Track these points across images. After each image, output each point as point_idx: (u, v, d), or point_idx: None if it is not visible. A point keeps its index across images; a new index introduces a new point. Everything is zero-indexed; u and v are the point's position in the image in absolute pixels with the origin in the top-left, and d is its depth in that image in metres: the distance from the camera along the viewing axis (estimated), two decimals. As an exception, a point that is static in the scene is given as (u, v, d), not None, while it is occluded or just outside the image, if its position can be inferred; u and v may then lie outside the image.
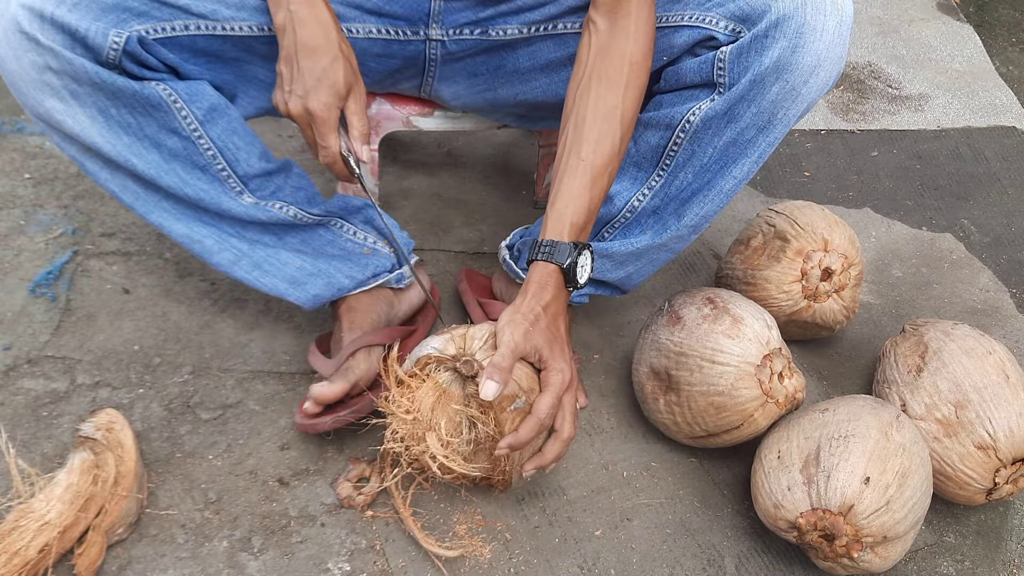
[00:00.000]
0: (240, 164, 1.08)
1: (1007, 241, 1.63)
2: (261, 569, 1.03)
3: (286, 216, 1.13)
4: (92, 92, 0.98)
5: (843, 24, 1.00)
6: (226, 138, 1.07)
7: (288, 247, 1.16)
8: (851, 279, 1.27)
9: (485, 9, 1.13)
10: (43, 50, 0.94)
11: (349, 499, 1.09)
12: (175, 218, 1.10)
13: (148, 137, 1.03)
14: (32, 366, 1.22)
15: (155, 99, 1.01)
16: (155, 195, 1.08)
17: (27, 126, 1.59)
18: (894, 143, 1.84)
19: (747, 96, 1.01)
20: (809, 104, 1.03)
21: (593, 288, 1.21)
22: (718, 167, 1.07)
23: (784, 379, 1.10)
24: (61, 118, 1.00)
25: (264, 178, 1.11)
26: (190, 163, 1.06)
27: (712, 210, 1.11)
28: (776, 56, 0.98)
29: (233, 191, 1.09)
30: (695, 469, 1.19)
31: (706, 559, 1.09)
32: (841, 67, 1.02)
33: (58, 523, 0.97)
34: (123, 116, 1.01)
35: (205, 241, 1.11)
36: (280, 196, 1.13)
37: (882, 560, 1.00)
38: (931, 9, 2.30)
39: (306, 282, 1.16)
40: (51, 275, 1.34)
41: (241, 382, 1.23)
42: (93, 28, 0.95)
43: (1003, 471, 1.09)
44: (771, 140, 1.05)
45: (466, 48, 1.16)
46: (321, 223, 1.18)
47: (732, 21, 1.02)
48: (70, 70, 0.96)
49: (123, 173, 1.06)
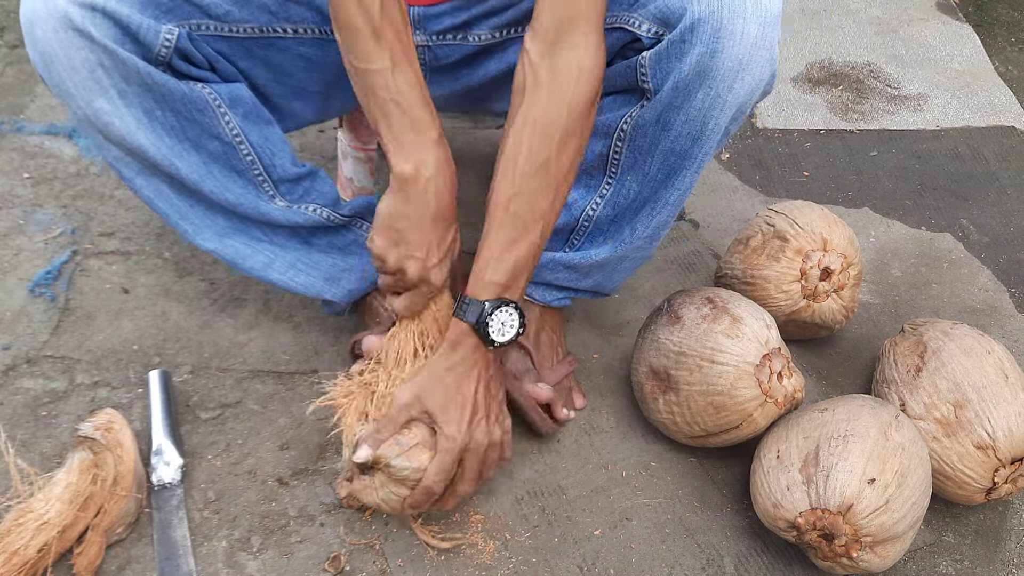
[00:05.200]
0: (276, 168, 1.08)
1: (1006, 241, 1.63)
2: (260, 569, 1.03)
3: (319, 217, 1.13)
4: (141, 92, 0.96)
5: (767, 25, 0.93)
6: (263, 143, 1.06)
7: (317, 248, 1.16)
8: (850, 279, 1.27)
9: (462, 14, 1.12)
10: (96, 47, 0.92)
11: (348, 499, 1.09)
12: (206, 226, 1.10)
13: (190, 139, 1.02)
14: (31, 366, 1.21)
15: (201, 102, 1.00)
16: (189, 200, 1.08)
17: (26, 126, 1.59)
18: (893, 143, 1.85)
19: (674, 103, 0.98)
20: (739, 110, 0.98)
21: (568, 295, 1.21)
22: (662, 176, 1.04)
23: (783, 379, 1.10)
24: (109, 119, 0.97)
25: (294, 183, 1.11)
26: (228, 167, 1.05)
27: (663, 220, 1.09)
28: (695, 62, 0.94)
29: (267, 195, 1.09)
30: (694, 469, 1.19)
31: (705, 559, 1.09)
32: (771, 71, 0.96)
33: (57, 522, 0.97)
34: (168, 118, 1.00)
35: (238, 247, 1.11)
36: (309, 199, 1.13)
37: (881, 560, 1.00)
38: (930, 9, 2.30)
39: (340, 277, 1.17)
40: (50, 275, 1.34)
41: (240, 382, 1.23)
42: (145, 23, 0.94)
43: (1002, 471, 1.09)
44: (707, 150, 1.01)
45: (451, 54, 1.15)
46: (346, 224, 1.17)
47: (654, 24, 0.98)
48: (122, 69, 0.94)
49: (159, 179, 1.05)
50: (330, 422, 1.06)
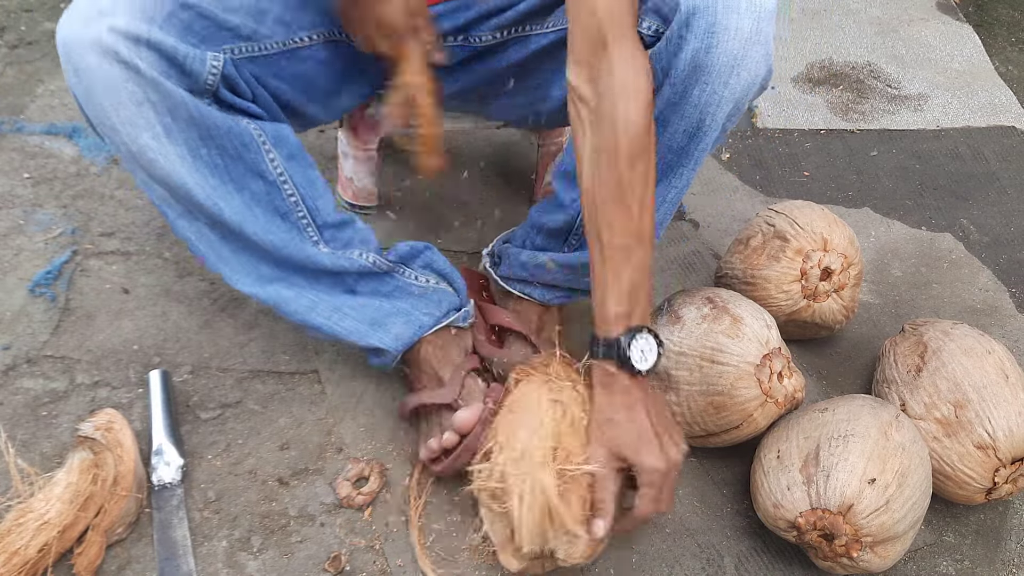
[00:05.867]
0: (319, 213, 1.06)
1: (1006, 241, 1.63)
2: (260, 569, 1.03)
3: (366, 263, 1.10)
4: (186, 128, 0.93)
5: (761, 20, 0.93)
6: (307, 185, 1.04)
7: (360, 294, 1.13)
8: (850, 279, 1.27)
9: (461, 15, 1.12)
10: (144, 80, 0.88)
11: (348, 499, 1.09)
12: (247, 272, 1.06)
13: (233, 180, 0.99)
14: (31, 366, 1.21)
15: (246, 136, 0.97)
16: (229, 246, 1.04)
17: (27, 126, 1.59)
18: (893, 143, 1.84)
19: (671, 99, 0.98)
20: (736, 106, 0.98)
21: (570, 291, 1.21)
22: (659, 175, 1.04)
23: (783, 379, 1.10)
24: (154, 156, 0.93)
25: (336, 229, 1.08)
26: (272, 209, 1.02)
27: (661, 218, 1.08)
28: (690, 57, 0.94)
29: (311, 240, 1.06)
30: (695, 469, 1.19)
31: (705, 559, 1.09)
32: (767, 66, 0.96)
33: (58, 522, 0.97)
34: (212, 156, 0.96)
35: (281, 291, 1.08)
36: (353, 246, 1.10)
37: (881, 560, 1.00)
38: (930, 9, 2.30)
39: (386, 322, 1.13)
40: (50, 275, 1.34)
41: (240, 381, 1.23)
42: (192, 53, 0.91)
43: (1002, 471, 1.09)
44: (704, 146, 1.01)
45: (453, 55, 1.16)
46: (390, 271, 1.15)
47: (655, 20, 0.99)
48: (169, 103, 0.90)
49: (201, 220, 1.02)
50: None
